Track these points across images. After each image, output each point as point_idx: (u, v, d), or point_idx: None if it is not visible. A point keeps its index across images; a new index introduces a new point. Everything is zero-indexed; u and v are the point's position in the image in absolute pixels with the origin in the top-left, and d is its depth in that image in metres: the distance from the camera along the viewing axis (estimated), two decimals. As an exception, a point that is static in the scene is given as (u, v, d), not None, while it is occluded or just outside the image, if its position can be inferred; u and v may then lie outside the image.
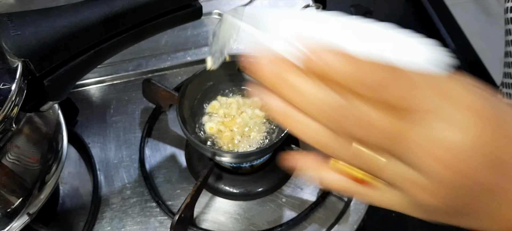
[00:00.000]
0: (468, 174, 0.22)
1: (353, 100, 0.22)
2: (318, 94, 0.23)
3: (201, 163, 0.59)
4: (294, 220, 0.53)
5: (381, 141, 0.23)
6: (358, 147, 0.24)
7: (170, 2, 0.48)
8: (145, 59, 0.72)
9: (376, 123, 0.22)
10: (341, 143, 0.24)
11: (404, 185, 0.25)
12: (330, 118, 0.23)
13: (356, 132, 0.23)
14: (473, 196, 0.23)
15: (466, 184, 0.23)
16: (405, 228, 0.59)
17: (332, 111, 0.23)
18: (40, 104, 0.43)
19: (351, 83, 0.22)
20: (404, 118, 0.22)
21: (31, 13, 0.41)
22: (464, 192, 0.23)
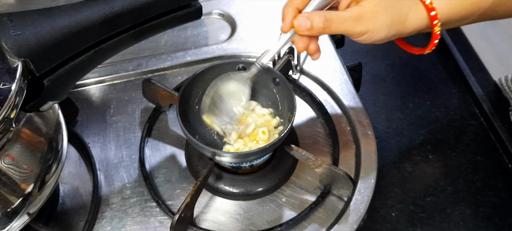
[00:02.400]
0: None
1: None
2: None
3: (201, 162, 0.59)
4: (294, 220, 0.53)
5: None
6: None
7: (170, 2, 0.48)
8: (145, 59, 0.72)
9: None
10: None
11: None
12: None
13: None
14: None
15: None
16: (404, 228, 0.59)
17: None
18: (40, 104, 0.43)
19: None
20: None
21: (31, 13, 0.41)
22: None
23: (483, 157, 0.66)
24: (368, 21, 0.47)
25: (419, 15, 0.48)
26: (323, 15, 0.46)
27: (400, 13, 0.48)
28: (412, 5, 0.48)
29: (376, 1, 0.47)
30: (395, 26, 0.48)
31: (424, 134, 0.69)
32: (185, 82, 0.55)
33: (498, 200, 0.61)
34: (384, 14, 0.47)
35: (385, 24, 0.47)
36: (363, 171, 0.57)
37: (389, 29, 0.48)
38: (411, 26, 0.49)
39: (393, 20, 0.48)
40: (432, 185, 0.63)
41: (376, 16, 0.47)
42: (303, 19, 0.46)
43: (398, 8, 0.48)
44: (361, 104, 0.64)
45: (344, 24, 0.47)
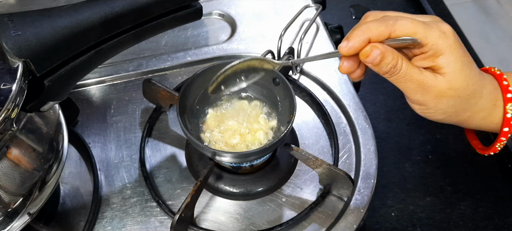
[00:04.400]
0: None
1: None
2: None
3: (201, 162, 0.59)
4: (294, 220, 0.53)
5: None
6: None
7: (170, 2, 0.48)
8: (146, 59, 0.72)
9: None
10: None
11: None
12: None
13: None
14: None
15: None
16: (404, 228, 0.59)
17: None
18: (41, 104, 0.43)
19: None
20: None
21: (32, 14, 0.41)
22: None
23: (483, 157, 0.66)
24: (431, 97, 0.41)
25: (490, 119, 0.44)
26: (396, 57, 0.40)
27: (470, 109, 0.43)
28: (489, 106, 0.43)
29: (455, 84, 0.41)
30: (456, 118, 0.44)
31: (424, 134, 0.69)
32: (186, 83, 0.55)
33: (498, 200, 0.61)
34: (451, 102, 0.42)
35: (446, 111, 0.42)
36: (363, 171, 0.57)
37: (447, 117, 0.43)
38: (472, 125, 0.45)
39: (456, 112, 0.43)
40: (432, 185, 0.63)
41: (441, 99, 0.41)
42: (377, 51, 0.40)
43: (471, 103, 0.42)
44: (361, 104, 0.64)
45: (406, 83, 0.41)
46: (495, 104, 0.43)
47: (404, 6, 0.91)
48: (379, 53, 0.40)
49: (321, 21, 0.76)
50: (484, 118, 0.44)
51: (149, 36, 0.51)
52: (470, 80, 0.41)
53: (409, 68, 0.41)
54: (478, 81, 0.42)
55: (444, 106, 0.42)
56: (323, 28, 0.76)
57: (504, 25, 1.42)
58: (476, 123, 0.44)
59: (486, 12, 1.47)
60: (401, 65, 0.40)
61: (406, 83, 0.41)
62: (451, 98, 0.41)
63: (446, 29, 0.41)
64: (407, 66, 0.41)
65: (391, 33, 0.40)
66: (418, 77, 0.41)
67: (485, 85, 0.43)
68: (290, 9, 0.79)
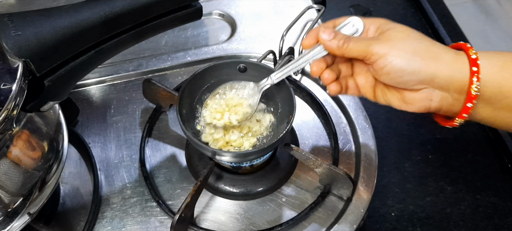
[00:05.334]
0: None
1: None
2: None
3: (201, 162, 0.59)
4: (294, 220, 0.53)
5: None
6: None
7: (170, 2, 0.48)
8: (146, 59, 0.72)
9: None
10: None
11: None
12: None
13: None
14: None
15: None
16: (404, 228, 0.59)
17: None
18: (41, 104, 0.43)
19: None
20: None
21: (32, 14, 0.41)
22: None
23: (483, 157, 0.66)
24: (385, 42, 0.44)
25: (457, 62, 0.43)
26: (346, 35, 0.46)
27: (429, 49, 0.44)
28: (449, 50, 0.44)
29: (400, 30, 0.45)
30: (419, 59, 0.43)
31: (424, 134, 0.69)
32: (185, 82, 0.55)
33: (498, 200, 0.61)
34: (406, 42, 0.44)
35: (405, 50, 0.43)
36: (363, 171, 0.57)
37: (409, 59, 0.43)
38: (444, 71, 0.43)
39: (416, 51, 0.43)
40: (432, 185, 0.63)
41: (393, 40, 0.44)
42: (329, 30, 0.46)
43: (428, 44, 0.44)
44: (361, 104, 0.64)
45: (361, 43, 0.45)
46: (456, 53, 0.44)
47: (404, 6, 0.91)
48: (331, 31, 0.47)
49: (322, 22, 0.76)
50: (452, 60, 0.43)
51: (149, 36, 0.51)
52: (412, 30, 0.45)
53: (360, 38, 0.47)
54: (424, 35, 0.45)
55: (401, 46, 0.44)
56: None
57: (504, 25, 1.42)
58: (446, 68, 0.43)
59: (486, 12, 1.47)
60: (352, 37, 0.46)
61: (361, 42, 0.45)
62: (403, 39, 0.44)
63: (384, 19, 0.48)
64: (358, 38, 0.47)
65: (334, 23, 0.49)
66: (368, 38, 0.47)
67: (435, 43, 0.45)
68: (290, 9, 0.79)
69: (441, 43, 0.45)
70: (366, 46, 0.45)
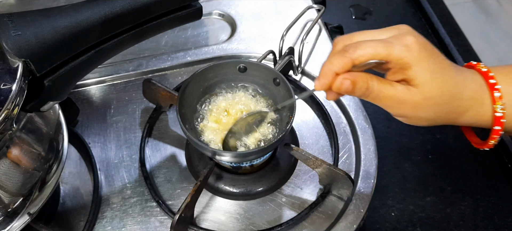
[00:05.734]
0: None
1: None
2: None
3: (201, 162, 0.59)
4: (294, 220, 0.53)
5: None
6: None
7: (170, 2, 0.48)
8: (146, 59, 0.72)
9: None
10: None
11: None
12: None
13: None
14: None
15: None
16: (404, 228, 0.59)
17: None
18: (41, 104, 0.43)
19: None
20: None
21: (32, 14, 0.41)
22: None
23: (483, 157, 0.66)
24: (408, 110, 0.42)
25: (479, 117, 0.43)
26: (366, 80, 0.41)
27: (454, 111, 0.43)
28: (475, 104, 0.43)
29: (428, 93, 0.41)
30: (442, 122, 0.43)
31: (424, 134, 0.69)
32: (185, 82, 0.55)
33: (498, 200, 0.61)
34: (431, 110, 0.42)
35: (428, 118, 0.42)
36: (363, 171, 0.57)
37: (432, 122, 0.43)
38: (465, 123, 0.44)
39: (439, 117, 0.43)
40: (432, 185, 0.63)
41: (419, 109, 0.41)
42: (348, 82, 0.41)
43: (453, 106, 0.42)
44: (361, 104, 0.64)
45: (382, 101, 0.42)
46: (482, 103, 0.43)
47: (404, 6, 0.91)
48: (349, 83, 0.41)
49: (322, 22, 0.76)
50: (473, 116, 0.43)
51: (149, 36, 0.51)
52: (445, 86, 0.41)
53: (381, 86, 0.41)
54: (456, 84, 0.42)
55: (424, 115, 0.42)
56: (324, 29, 0.76)
57: (504, 25, 1.42)
58: (466, 122, 0.44)
59: (486, 12, 1.47)
60: (373, 86, 0.41)
61: (382, 101, 0.42)
62: (429, 107, 0.41)
63: (410, 42, 0.40)
64: (379, 85, 0.41)
65: (354, 61, 0.41)
66: (392, 93, 0.41)
67: (467, 85, 0.42)
68: (290, 9, 0.79)
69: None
70: (387, 107, 0.42)
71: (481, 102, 0.43)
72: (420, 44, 0.40)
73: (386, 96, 0.42)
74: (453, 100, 0.42)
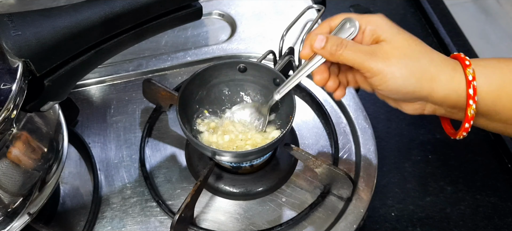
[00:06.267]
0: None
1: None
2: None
3: (201, 162, 0.59)
4: (294, 220, 0.53)
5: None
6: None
7: (170, 2, 0.48)
8: (146, 59, 0.72)
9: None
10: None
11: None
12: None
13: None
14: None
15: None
16: (404, 228, 0.59)
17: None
18: (41, 104, 0.43)
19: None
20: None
21: (32, 13, 0.41)
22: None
23: (483, 157, 0.66)
24: (381, 61, 0.43)
25: (454, 82, 0.43)
26: (339, 39, 0.45)
27: (426, 69, 0.43)
28: (447, 68, 0.43)
29: (396, 44, 0.43)
30: (415, 82, 0.43)
31: (424, 134, 0.69)
32: (185, 82, 0.55)
33: (498, 200, 0.61)
34: (402, 61, 0.43)
35: (400, 73, 0.43)
36: (363, 171, 0.57)
37: (405, 81, 0.43)
38: (439, 91, 0.43)
39: (412, 73, 0.43)
40: (432, 185, 0.63)
41: (390, 59, 0.43)
42: (321, 37, 0.46)
43: (424, 63, 0.43)
44: (361, 104, 0.64)
45: (356, 54, 0.44)
46: (454, 69, 0.43)
47: (404, 6, 0.91)
48: (323, 37, 0.46)
49: (321, 22, 0.76)
50: (448, 81, 0.43)
51: (149, 36, 0.51)
52: (411, 41, 0.44)
53: (354, 44, 0.45)
54: (422, 44, 0.44)
55: (396, 68, 0.43)
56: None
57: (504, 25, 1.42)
58: (442, 89, 0.43)
59: (486, 12, 1.47)
60: (346, 42, 0.45)
61: (356, 54, 0.44)
62: (399, 57, 0.43)
63: (378, 14, 0.46)
64: (352, 43, 0.45)
65: (330, 26, 0.48)
66: (364, 48, 0.44)
67: (433, 51, 0.44)
68: (290, 9, 0.79)
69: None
70: (361, 61, 0.44)
71: (453, 67, 0.43)
72: (387, 18, 0.46)
73: (359, 50, 0.44)
74: (423, 57, 0.43)
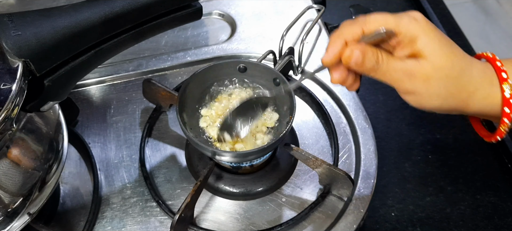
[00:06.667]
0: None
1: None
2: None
3: (201, 162, 0.59)
4: (294, 220, 0.53)
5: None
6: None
7: (170, 2, 0.48)
8: (145, 59, 0.72)
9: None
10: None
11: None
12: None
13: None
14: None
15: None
16: (404, 228, 0.59)
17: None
18: (41, 104, 0.43)
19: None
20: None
21: (32, 14, 0.41)
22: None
23: (483, 157, 0.66)
24: (419, 82, 0.40)
25: (490, 99, 0.41)
26: (376, 54, 0.41)
27: (464, 88, 0.41)
28: (484, 83, 0.41)
29: (438, 63, 0.40)
30: (452, 101, 0.41)
31: (424, 134, 0.69)
32: (185, 82, 0.55)
33: (498, 200, 0.61)
34: (442, 83, 0.40)
35: (438, 94, 0.41)
36: (363, 171, 0.57)
37: (443, 102, 0.41)
38: (473, 108, 0.42)
39: (451, 94, 0.41)
40: (432, 185, 0.63)
41: (429, 81, 0.40)
42: (358, 52, 0.40)
43: (463, 82, 0.41)
44: (361, 104, 0.64)
45: (393, 74, 0.41)
46: (491, 83, 0.41)
47: (404, 6, 0.91)
48: (359, 53, 0.40)
49: (322, 22, 0.76)
50: (484, 98, 0.41)
51: (149, 36, 0.51)
52: (454, 57, 0.41)
53: (390, 59, 0.41)
54: (464, 58, 0.41)
55: (435, 90, 0.41)
56: (324, 29, 0.76)
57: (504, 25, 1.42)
58: (477, 105, 0.42)
59: (486, 12, 1.47)
60: (382, 58, 0.41)
61: (392, 74, 0.41)
62: (440, 79, 0.40)
63: (416, 15, 0.41)
64: (388, 58, 0.41)
65: (364, 29, 0.42)
66: (401, 66, 0.41)
67: (474, 63, 0.42)
68: (290, 9, 0.79)
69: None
70: (398, 83, 0.41)
71: (490, 82, 0.41)
72: (427, 20, 0.41)
73: (396, 68, 0.41)
74: (463, 75, 0.41)
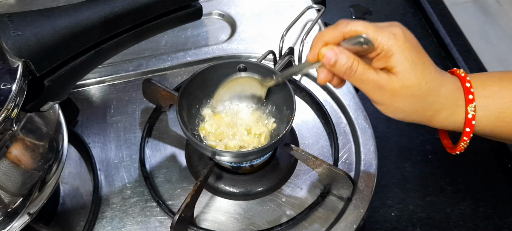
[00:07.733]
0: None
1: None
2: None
3: (201, 162, 0.59)
4: (294, 220, 0.53)
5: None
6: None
7: (170, 2, 0.48)
8: (145, 59, 0.72)
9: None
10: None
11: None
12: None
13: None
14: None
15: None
16: (404, 228, 0.59)
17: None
18: (41, 104, 0.43)
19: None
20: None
21: (32, 14, 0.41)
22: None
23: (483, 157, 0.66)
24: (387, 95, 0.43)
25: (454, 118, 0.44)
26: (351, 59, 0.42)
27: (430, 107, 0.43)
28: (450, 104, 0.44)
29: (407, 82, 0.42)
30: (416, 116, 0.44)
31: (424, 134, 0.69)
32: (185, 82, 0.55)
33: (498, 200, 0.61)
34: (407, 100, 0.43)
35: (403, 109, 0.43)
36: (363, 171, 0.57)
37: (406, 115, 0.44)
38: (437, 124, 0.45)
39: (415, 110, 0.44)
40: (432, 185, 0.63)
41: (395, 97, 0.42)
42: (331, 53, 0.43)
43: (429, 101, 0.43)
44: (361, 104, 0.64)
45: (364, 83, 0.43)
46: (456, 104, 0.44)
47: (404, 6, 0.91)
48: (333, 54, 0.43)
49: (322, 22, 0.76)
50: (447, 117, 0.44)
51: (149, 36, 0.51)
52: (422, 78, 0.42)
53: (365, 69, 0.43)
54: (434, 79, 0.43)
55: (400, 105, 0.43)
56: (324, 29, 0.75)
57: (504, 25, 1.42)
58: (440, 122, 0.45)
59: (486, 12, 1.46)
60: (356, 66, 0.42)
61: (364, 84, 0.43)
62: (406, 97, 0.42)
63: (397, 31, 0.42)
64: (363, 68, 0.43)
65: (344, 34, 0.43)
66: (373, 77, 0.42)
67: (444, 84, 0.43)
68: (290, 9, 0.79)
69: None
70: (368, 91, 0.43)
71: (456, 103, 0.44)
72: (406, 37, 0.42)
73: (368, 79, 0.43)
74: (430, 95, 0.43)
